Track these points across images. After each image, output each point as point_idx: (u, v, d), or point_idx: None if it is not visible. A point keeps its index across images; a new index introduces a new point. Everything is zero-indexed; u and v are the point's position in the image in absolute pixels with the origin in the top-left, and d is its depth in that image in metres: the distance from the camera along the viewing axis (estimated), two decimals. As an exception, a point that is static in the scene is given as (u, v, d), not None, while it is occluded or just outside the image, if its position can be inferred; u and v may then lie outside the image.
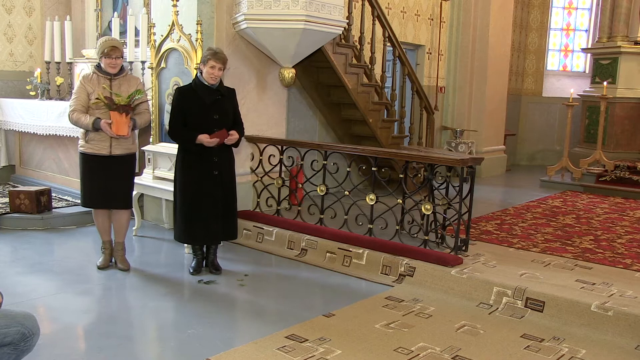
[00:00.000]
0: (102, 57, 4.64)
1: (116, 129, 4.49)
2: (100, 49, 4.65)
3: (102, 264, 4.83)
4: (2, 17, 7.74)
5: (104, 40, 4.76)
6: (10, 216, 5.90)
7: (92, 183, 4.68)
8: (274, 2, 5.54)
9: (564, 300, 3.97)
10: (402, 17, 9.02)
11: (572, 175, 9.25)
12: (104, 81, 4.64)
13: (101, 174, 4.64)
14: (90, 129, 4.55)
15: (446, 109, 10.20)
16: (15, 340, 2.44)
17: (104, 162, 4.64)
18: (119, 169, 4.70)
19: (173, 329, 3.74)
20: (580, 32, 12.51)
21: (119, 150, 4.66)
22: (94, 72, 4.73)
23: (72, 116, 4.62)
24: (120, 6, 7.48)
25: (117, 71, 4.69)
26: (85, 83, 4.66)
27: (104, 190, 4.67)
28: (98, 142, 4.62)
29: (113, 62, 4.64)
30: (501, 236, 5.78)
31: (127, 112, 4.53)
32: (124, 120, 4.51)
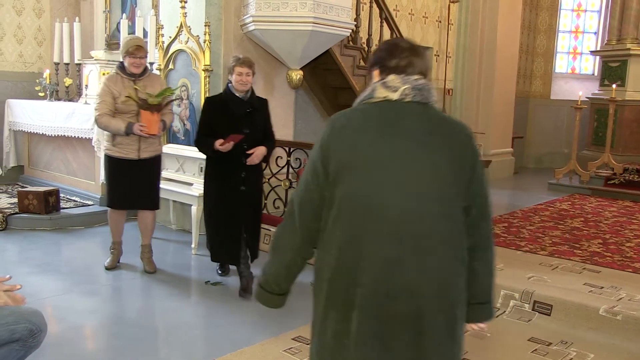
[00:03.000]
0: (126, 57, 4.50)
1: (148, 128, 4.41)
2: (124, 48, 4.52)
3: (109, 265, 4.80)
4: (12, 18, 7.79)
5: (128, 38, 4.64)
6: (19, 216, 5.93)
7: (119, 186, 4.61)
8: (282, 4, 5.55)
9: (571, 304, 3.95)
10: (410, 19, 9.02)
11: (580, 178, 9.20)
12: (128, 83, 4.51)
13: (129, 177, 4.56)
14: (122, 134, 4.44)
15: (454, 111, 10.17)
16: (24, 337, 2.47)
17: (132, 166, 4.56)
18: (146, 171, 4.64)
19: (179, 330, 3.74)
20: (589, 35, 12.46)
21: (147, 154, 4.60)
22: (117, 72, 4.59)
23: (100, 120, 4.50)
24: (128, 8, 7.51)
25: (141, 71, 4.58)
26: (110, 86, 4.51)
27: (131, 192, 4.61)
28: (126, 145, 4.53)
29: (137, 61, 4.51)
30: (509, 239, 5.76)
31: (159, 110, 4.47)
32: (155, 119, 4.45)
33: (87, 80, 7.17)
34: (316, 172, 1.88)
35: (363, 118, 1.88)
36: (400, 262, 1.77)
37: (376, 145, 1.81)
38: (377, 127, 1.84)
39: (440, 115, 1.95)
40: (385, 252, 1.77)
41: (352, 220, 1.80)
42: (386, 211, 1.78)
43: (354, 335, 1.81)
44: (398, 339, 1.79)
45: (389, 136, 1.82)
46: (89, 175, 6.66)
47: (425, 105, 1.89)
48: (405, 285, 1.77)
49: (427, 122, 1.87)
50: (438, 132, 1.87)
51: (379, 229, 1.78)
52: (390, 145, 1.81)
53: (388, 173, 1.79)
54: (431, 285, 1.80)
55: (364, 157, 1.81)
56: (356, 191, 1.80)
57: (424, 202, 1.80)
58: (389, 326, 1.79)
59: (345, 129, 1.87)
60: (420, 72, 1.92)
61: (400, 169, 1.80)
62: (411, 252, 1.77)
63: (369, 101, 1.91)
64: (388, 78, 1.89)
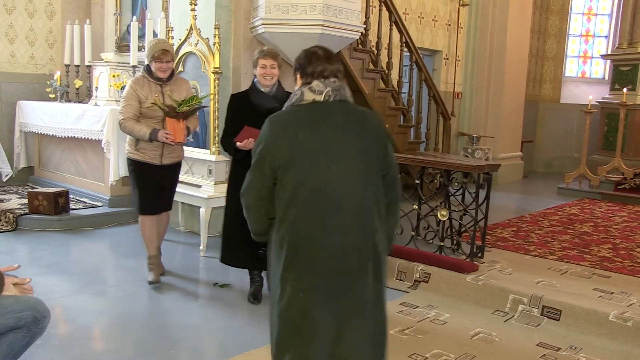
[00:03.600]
0: (152, 61, 4.36)
1: (173, 136, 4.28)
2: (151, 52, 4.36)
3: (154, 279, 4.50)
4: (24, 21, 7.85)
5: (154, 42, 4.47)
6: (29, 217, 5.96)
7: (146, 190, 4.49)
8: (291, 6, 5.56)
9: (581, 309, 3.93)
10: (419, 23, 9.01)
11: (590, 182, 9.15)
12: (155, 87, 4.38)
13: (152, 182, 4.47)
14: (146, 139, 4.31)
15: (463, 114, 10.15)
16: (28, 324, 2.57)
17: (154, 171, 4.46)
18: (168, 177, 4.57)
19: (188, 332, 3.75)
20: (600, 39, 12.40)
21: (169, 160, 4.50)
22: (143, 75, 4.44)
23: (124, 125, 4.34)
24: (139, 10, 7.55)
25: (168, 75, 4.44)
26: (136, 89, 4.36)
27: (157, 197, 4.54)
28: (150, 151, 4.41)
29: (164, 66, 4.37)
30: (517, 243, 5.73)
31: (185, 119, 4.35)
32: (181, 127, 4.32)
33: (97, 82, 7.21)
34: (262, 168, 2.33)
35: (298, 118, 2.36)
36: (343, 227, 2.28)
37: (313, 139, 2.30)
38: (310, 125, 2.33)
39: (356, 108, 2.44)
40: (331, 221, 2.28)
41: (304, 199, 2.27)
42: (329, 189, 2.28)
43: (310, 288, 2.27)
44: (344, 286, 2.29)
45: (322, 131, 2.32)
46: (98, 177, 6.69)
47: (344, 102, 2.39)
48: (350, 245, 2.29)
49: (348, 116, 2.37)
50: (357, 122, 2.38)
51: (325, 203, 2.28)
52: (323, 138, 2.31)
53: (326, 159, 2.29)
54: (368, 243, 2.32)
55: (305, 150, 2.29)
56: (303, 177, 2.28)
57: (356, 178, 2.31)
58: (337, 278, 2.28)
59: (285, 130, 2.33)
60: (334, 74, 2.39)
61: (334, 155, 2.30)
62: (351, 219, 2.30)
63: (300, 103, 2.37)
64: (313, 83, 2.36)
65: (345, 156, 2.31)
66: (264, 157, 2.33)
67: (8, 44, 7.75)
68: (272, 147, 2.32)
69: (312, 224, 2.28)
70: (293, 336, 2.31)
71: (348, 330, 2.30)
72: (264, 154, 2.33)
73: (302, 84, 2.42)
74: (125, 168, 6.15)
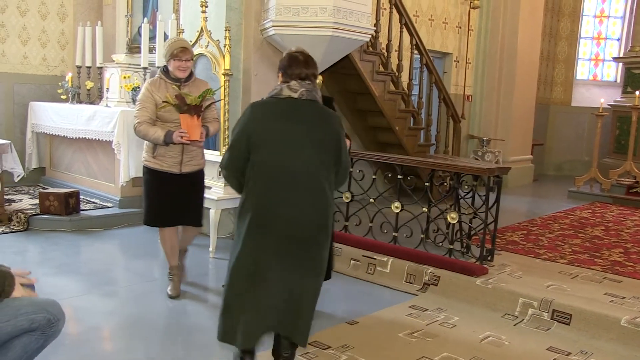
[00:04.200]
0: (171, 60, 4.11)
1: (188, 134, 3.98)
2: (169, 51, 4.13)
3: (174, 293, 4.29)
4: (37, 23, 7.91)
5: (172, 40, 4.25)
6: (40, 217, 6.00)
7: (159, 201, 4.19)
8: (302, 9, 5.56)
9: (591, 314, 3.90)
10: (429, 25, 9.00)
11: (601, 186, 9.09)
12: (172, 89, 4.11)
13: (170, 192, 4.16)
14: (161, 143, 4.04)
15: (473, 117, 10.12)
16: (42, 326, 2.54)
17: (174, 180, 4.16)
18: (189, 186, 4.24)
19: (198, 333, 3.76)
20: (612, 41, 12.33)
21: (189, 167, 4.20)
22: (160, 77, 4.19)
23: (138, 128, 4.09)
24: (150, 12, 7.59)
25: (187, 75, 4.20)
26: (152, 91, 4.11)
27: (174, 208, 4.20)
28: (168, 158, 4.13)
29: (183, 64, 4.12)
30: (527, 247, 5.70)
31: (199, 114, 4.00)
32: (195, 124, 3.99)
33: (108, 84, 7.25)
34: (240, 145, 2.88)
35: (274, 109, 2.91)
36: (295, 202, 2.83)
37: (281, 128, 2.85)
38: (282, 116, 2.88)
39: (321, 107, 2.97)
40: (286, 196, 2.82)
41: (265, 176, 2.84)
42: (286, 170, 2.82)
43: (265, 247, 2.83)
44: (292, 250, 2.83)
45: (289, 122, 2.86)
46: (108, 178, 6.73)
47: (313, 101, 2.92)
48: (299, 216, 2.83)
49: (313, 113, 2.92)
50: (319, 119, 2.92)
51: (282, 181, 2.82)
52: (290, 128, 2.85)
53: (288, 146, 2.84)
54: (316, 215, 2.86)
55: (274, 136, 2.84)
56: (267, 157, 2.84)
57: (310, 163, 2.85)
58: (288, 241, 2.83)
59: (263, 115, 2.90)
60: (309, 78, 2.93)
61: (296, 143, 2.84)
62: (302, 196, 2.83)
63: (277, 97, 2.91)
64: (291, 83, 2.90)
65: (304, 144, 2.85)
66: (242, 136, 2.88)
67: (21, 45, 7.81)
68: (250, 128, 2.87)
69: (270, 197, 2.83)
70: (244, 281, 2.86)
71: (293, 285, 2.85)
72: (244, 133, 2.88)
73: (282, 81, 2.96)
74: (135, 169, 6.21)
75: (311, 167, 2.85)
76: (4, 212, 6.09)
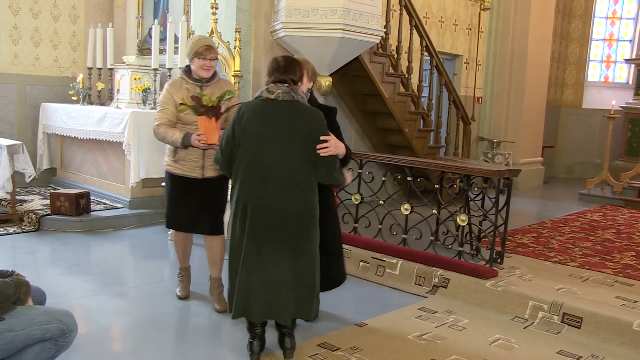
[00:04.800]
0: (195, 58, 3.94)
1: (206, 136, 3.78)
2: (193, 49, 3.95)
3: (182, 294, 4.28)
4: (49, 24, 7.97)
5: (196, 38, 4.09)
6: (51, 217, 6.03)
7: (179, 206, 4.06)
8: (312, 10, 5.57)
9: (602, 317, 3.87)
10: (440, 27, 8.98)
11: (613, 189, 9.03)
12: (193, 89, 3.93)
13: (191, 197, 4.02)
14: (179, 145, 3.88)
15: (483, 119, 10.09)
16: (55, 336, 2.55)
17: (195, 185, 4.00)
18: (210, 192, 4.03)
19: (206, 334, 3.77)
20: (624, 43, 12.24)
21: (212, 172, 3.98)
22: (181, 77, 4.04)
23: (157, 131, 3.95)
24: (160, 14, 7.63)
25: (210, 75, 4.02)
26: (172, 92, 3.96)
27: (192, 213, 4.04)
28: (190, 162, 3.97)
29: (207, 64, 3.95)
30: (537, 249, 5.67)
31: (217, 115, 3.78)
32: (213, 126, 3.77)
33: (119, 85, 7.30)
34: (228, 137, 3.26)
35: (255, 109, 3.23)
36: (269, 193, 3.15)
37: (259, 126, 3.18)
38: (261, 115, 3.20)
39: (301, 106, 3.22)
40: (260, 188, 3.16)
41: (244, 170, 3.20)
42: (262, 166, 3.15)
43: (248, 232, 3.17)
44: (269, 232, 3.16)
45: (266, 121, 3.18)
46: (119, 179, 6.76)
47: (292, 101, 3.19)
48: (274, 206, 3.15)
49: (289, 112, 3.19)
50: (297, 118, 3.19)
51: (260, 176, 3.16)
52: (266, 126, 3.17)
53: (263, 143, 3.16)
54: (289, 207, 3.16)
55: (252, 134, 3.18)
56: (247, 153, 3.19)
57: (286, 160, 3.15)
58: (267, 227, 3.16)
59: (245, 115, 3.22)
60: (286, 81, 3.24)
61: (272, 140, 3.15)
62: (277, 189, 3.14)
63: (259, 98, 3.25)
64: (270, 86, 3.23)
65: (277, 141, 3.15)
66: (230, 133, 3.25)
67: (33, 47, 7.87)
68: (235, 127, 3.22)
69: (248, 188, 3.18)
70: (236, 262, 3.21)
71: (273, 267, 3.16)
72: (230, 131, 3.24)
73: (265, 83, 3.30)
74: (145, 170, 6.24)
75: (284, 162, 3.14)
76: (15, 213, 6.14)
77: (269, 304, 3.19)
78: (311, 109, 3.27)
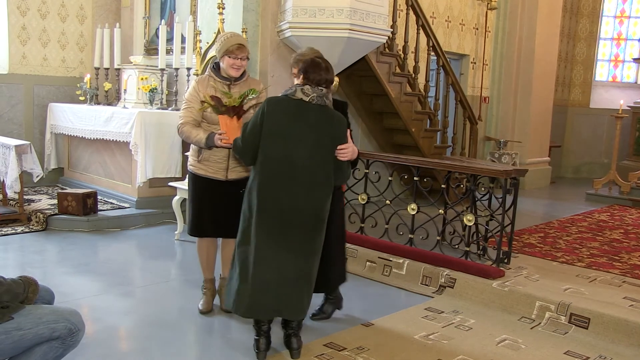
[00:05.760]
0: (224, 56, 3.79)
1: (227, 135, 3.62)
2: (223, 47, 3.79)
3: (205, 308, 4.03)
4: (56, 25, 8.00)
5: (228, 35, 3.89)
6: (58, 217, 6.06)
7: (203, 209, 3.93)
8: (318, 10, 5.57)
9: (610, 318, 3.85)
10: (446, 27, 8.96)
11: (620, 189, 8.99)
12: (221, 86, 3.81)
13: (214, 200, 3.89)
14: (203, 146, 3.74)
15: (490, 119, 10.06)
16: (63, 335, 2.56)
17: (218, 187, 3.87)
18: (233, 195, 3.80)
19: (213, 334, 3.77)
20: (633, 42, 12.17)
21: (235, 174, 3.88)
22: (209, 75, 3.90)
23: (181, 129, 3.83)
24: (167, 14, 7.64)
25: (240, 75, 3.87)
26: (199, 90, 3.82)
27: (215, 217, 3.91)
28: (214, 164, 3.85)
29: (238, 63, 3.80)
30: (544, 249, 5.65)
31: (239, 115, 3.65)
32: (235, 126, 3.62)
33: (126, 85, 7.32)
34: (254, 129, 3.22)
35: (286, 107, 3.22)
36: (295, 191, 3.19)
37: (290, 125, 3.19)
38: (292, 114, 3.20)
39: (330, 112, 3.29)
40: (286, 185, 3.19)
41: (270, 166, 3.21)
42: (291, 164, 3.18)
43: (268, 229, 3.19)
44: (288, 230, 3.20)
45: (298, 121, 3.19)
46: (125, 178, 6.78)
47: (322, 105, 3.24)
48: (297, 204, 3.19)
49: (321, 115, 3.23)
50: (326, 122, 3.24)
51: (284, 172, 3.19)
52: (298, 127, 3.19)
53: (292, 141, 3.18)
54: (311, 204, 3.22)
55: (282, 131, 3.19)
56: (274, 151, 3.20)
57: (313, 161, 3.21)
58: (288, 225, 3.19)
59: (275, 111, 3.20)
60: (322, 84, 3.25)
61: (299, 140, 3.18)
62: (300, 186, 3.19)
63: (290, 96, 3.22)
64: (305, 87, 3.21)
65: (307, 142, 3.19)
66: (256, 125, 3.21)
67: (41, 47, 7.91)
68: (265, 120, 3.18)
69: (272, 184, 3.20)
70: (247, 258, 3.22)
71: (287, 265, 3.20)
72: (260, 122, 3.20)
73: (300, 83, 3.27)
74: (152, 170, 6.25)
75: (311, 162, 3.20)
76: (23, 212, 6.17)
77: (283, 301, 3.22)
78: (339, 115, 3.33)
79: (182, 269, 5.08)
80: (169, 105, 6.99)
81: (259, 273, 3.19)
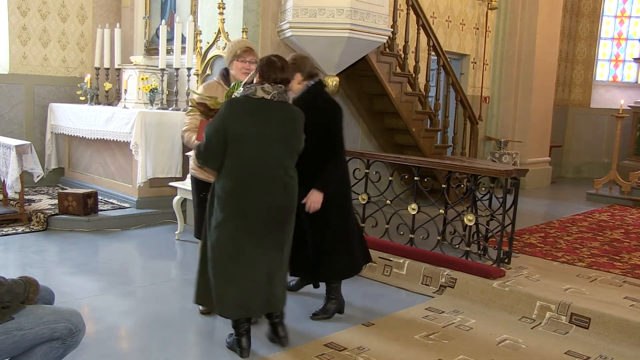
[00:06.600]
0: (233, 61, 3.87)
1: None
2: (232, 51, 3.88)
3: (205, 309, 4.01)
4: (57, 25, 8.01)
5: (236, 41, 4.02)
6: (59, 217, 6.06)
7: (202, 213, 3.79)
8: (319, 10, 5.57)
9: (611, 318, 3.85)
10: (447, 26, 8.95)
11: (621, 189, 8.98)
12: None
13: None
14: None
15: (490, 119, 10.05)
16: (63, 336, 2.56)
17: None
18: None
19: (213, 334, 3.77)
20: (633, 42, 12.16)
21: None
22: (217, 80, 3.96)
23: (183, 135, 3.89)
24: (167, 14, 7.65)
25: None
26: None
27: None
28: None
29: (247, 67, 3.86)
30: (545, 249, 5.65)
31: None
32: None
33: (127, 85, 7.32)
34: (218, 134, 3.20)
35: (248, 107, 3.25)
36: (268, 189, 3.25)
37: (256, 125, 3.22)
38: (257, 114, 3.23)
39: (292, 108, 3.37)
40: (260, 184, 3.23)
41: (240, 169, 3.22)
42: (260, 162, 3.22)
43: (247, 230, 3.23)
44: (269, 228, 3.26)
45: (261, 120, 3.23)
46: (126, 178, 6.78)
47: (283, 102, 3.31)
48: (274, 204, 3.26)
49: (282, 113, 3.30)
50: (287, 118, 3.31)
51: (256, 171, 3.23)
52: (264, 125, 3.22)
53: (264, 141, 3.22)
54: (285, 200, 3.30)
55: (250, 132, 3.21)
56: (242, 152, 3.21)
57: (281, 158, 3.28)
58: (266, 224, 3.25)
59: (238, 112, 3.23)
60: (281, 82, 3.30)
61: (266, 138, 3.22)
62: (273, 184, 3.25)
63: (251, 96, 3.24)
64: (265, 85, 3.26)
65: (274, 140, 3.23)
66: (223, 128, 3.19)
67: (42, 47, 7.91)
68: (229, 123, 3.19)
69: (246, 185, 3.22)
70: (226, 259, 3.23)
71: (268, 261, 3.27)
72: (224, 126, 3.19)
73: (258, 82, 3.31)
74: (153, 170, 6.26)
75: (280, 159, 3.28)
76: (23, 212, 6.17)
77: (267, 296, 3.30)
78: (298, 111, 3.39)
79: (183, 269, 5.08)
80: (169, 105, 6.99)
81: (247, 276, 3.24)
